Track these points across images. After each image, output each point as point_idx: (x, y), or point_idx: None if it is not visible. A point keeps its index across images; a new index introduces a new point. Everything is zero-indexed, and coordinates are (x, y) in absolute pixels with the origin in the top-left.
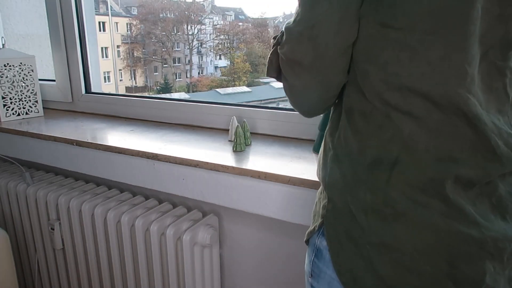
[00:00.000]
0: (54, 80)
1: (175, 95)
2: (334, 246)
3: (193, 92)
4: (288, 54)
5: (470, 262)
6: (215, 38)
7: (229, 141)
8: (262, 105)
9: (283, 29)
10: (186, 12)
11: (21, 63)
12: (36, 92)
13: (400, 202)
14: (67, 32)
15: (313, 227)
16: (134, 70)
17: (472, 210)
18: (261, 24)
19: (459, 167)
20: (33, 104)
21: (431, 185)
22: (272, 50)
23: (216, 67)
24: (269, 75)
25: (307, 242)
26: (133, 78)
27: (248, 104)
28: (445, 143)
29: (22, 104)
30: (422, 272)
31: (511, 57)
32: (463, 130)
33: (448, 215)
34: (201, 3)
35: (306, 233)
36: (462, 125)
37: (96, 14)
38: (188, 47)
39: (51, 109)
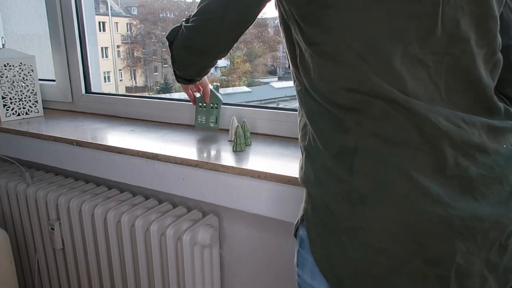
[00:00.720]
0: (54, 80)
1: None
2: (311, 236)
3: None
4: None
5: (438, 241)
6: None
7: (229, 141)
8: (262, 105)
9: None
10: (186, 12)
11: (21, 63)
12: (36, 92)
13: (365, 185)
14: (67, 32)
15: (297, 220)
16: (134, 70)
17: (438, 190)
18: (261, 24)
19: (410, 148)
20: (33, 104)
21: (392, 167)
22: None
23: (216, 67)
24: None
25: (295, 235)
26: (133, 78)
27: (248, 104)
28: (390, 127)
29: (22, 104)
30: (391, 251)
31: (430, 49)
32: (401, 115)
33: (413, 195)
34: None
35: (293, 227)
36: (397, 110)
37: (96, 14)
38: None
39: (51, 109)
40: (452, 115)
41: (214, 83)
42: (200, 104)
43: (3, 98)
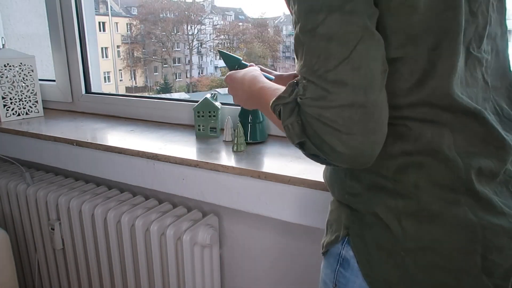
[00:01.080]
0: (54, 80)
1: (175, 95)
2: (363, 257)
3: (193, 92)
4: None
5: (501, 252)
6: (215, 38)
7: (224, 141)
8: None
9: (304, 81)
10: (186, 12)
11: (21, 63)
12: (36, 92)
13: (433, 203)
14: (67, 32)
15: (333, 237)
16: (134, 70)
17: (498, 201)
18: (261, 24)
19: (478, 160)
20: (33, 104)
21: (458, 182)
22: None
23: (216, 67)
24: (295, 143)
25: (325, 253)
26: (133, 78)
27: None
28: (459, 140)
29: (22, 104)
30: (459, 270)
31: (483, 48)
32: (471, 125)
33: (479, 209)
34: (201, 3)
35: (324, 243)
36: (470, 121)
37: (96, 14)
38: (188, 47)
39: (51, 109)
40: (504, 120)
41: (212, 92)
42: (198, 112)
43: (3, 98)
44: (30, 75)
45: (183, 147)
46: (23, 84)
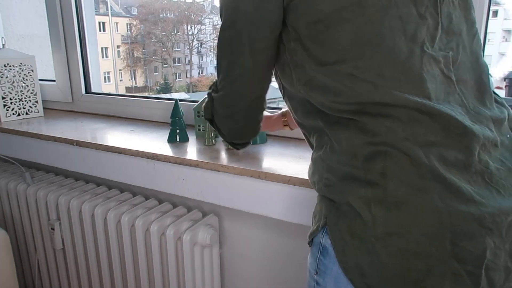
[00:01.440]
0: (54, 80)
1: (175, 95)
2: (338, 245)
3: (193, 92)
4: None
5: (471, 239)
6: (215, 38)
7: (224, 141)
8: None
9: (211, 94)
10: (186, 12)
11: (21, 63)
12: (36, 92)
13: (399, 190)
14: (67, 32)
15: (315, 227)
16: (134, 70)
17: (469, 189)
18: None
19: (438, 148)
20: (33, 104)
21: (422, 169)
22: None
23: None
24: (206, 118)
25: (310, 243)
26: (133, 78)
27: None
28: (415, 131)
29: (22, 104)
30: (428, 255)
31: (437, 46)
32: (425, 118)
33: (447, 196)
34: (201, 3)
35: (309, 234)
36: (422, 115)
37: (96, 14)
38: (188, 47)
39: (51, 109)
40: (471, 112)
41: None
42: (198, 112)
43: (3, 98)
44: (30, 75)
45: (183, 147)
46: (23, 84)
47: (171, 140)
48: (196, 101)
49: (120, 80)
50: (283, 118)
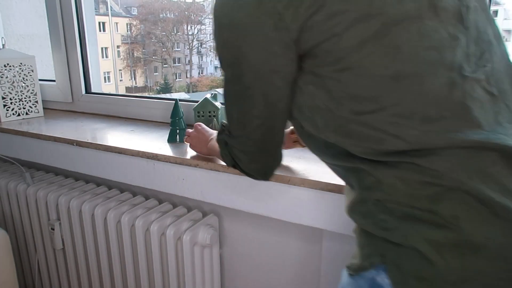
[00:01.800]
0: (54, 80)
1: (175, 95)
2: (401, 287)
3: (193, 92)
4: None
5: None
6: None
7: None
8: None
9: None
10: (186, 12)
11: (21, 63)
12: (36, 92)
13: (474, 232)
14: (67, 32)
15: (367, 262)
16: (134, 70)
17: None
18: None
19: (504, 179)
20: (33, 104)
21: (498, 208)
22: (221, 147)
23: (216, 67)
24: (229, 166)
25: (353, 275)
26: (133, 78)
27: None
28: (479, 166)
29: (22, 104)
30: None
31: (474, 63)
32: (485, 155)
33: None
34: (201, 3)
35: (355, 267)
36: (477, 151)
37: (96, 14)
38: (188, 47)
39: (51, 109)
40: None
41: (212, 92)
42: (198, 112)
43: (3, 98)
44: (30, 75)
45: (183, 147)
46: (23, 84)
47: (171, 140)
48: (196, 101)
49: (120, 80)
50: (291, 134)
